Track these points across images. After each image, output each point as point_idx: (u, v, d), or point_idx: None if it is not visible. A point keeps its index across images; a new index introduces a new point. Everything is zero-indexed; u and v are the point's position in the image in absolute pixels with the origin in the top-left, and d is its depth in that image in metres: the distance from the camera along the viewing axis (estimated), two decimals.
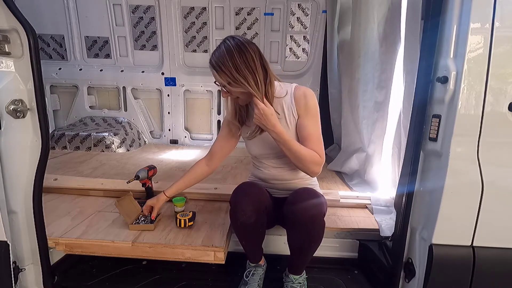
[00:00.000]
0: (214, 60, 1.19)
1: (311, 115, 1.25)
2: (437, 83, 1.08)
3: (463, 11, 1.00)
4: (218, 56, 1.18)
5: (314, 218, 1.17)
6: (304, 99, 1.24)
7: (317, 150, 1.22)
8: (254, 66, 1.17)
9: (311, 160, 1.21)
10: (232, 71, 1.15)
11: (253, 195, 1.23)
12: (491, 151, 1.05)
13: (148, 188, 1.72)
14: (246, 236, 1.33)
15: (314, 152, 1.21)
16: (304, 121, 1.25)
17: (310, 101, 1.25)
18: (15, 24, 1.11)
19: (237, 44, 1.17)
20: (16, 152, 1.18)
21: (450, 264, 1.12)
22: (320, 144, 1.25)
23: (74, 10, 3.24)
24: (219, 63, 1.17)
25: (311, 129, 1.24)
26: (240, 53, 1.16)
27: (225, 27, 3.27)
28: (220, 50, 1.18)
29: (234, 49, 1.16)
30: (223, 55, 1.17)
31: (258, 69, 1.18)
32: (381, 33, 1.98)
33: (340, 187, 2.18)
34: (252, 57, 1.17)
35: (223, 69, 1.16)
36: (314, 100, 1.26)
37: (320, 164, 1.23)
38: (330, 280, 1.49)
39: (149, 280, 1.46)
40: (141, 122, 3.50)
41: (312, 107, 1.25)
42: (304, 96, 1.25)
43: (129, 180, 1.65)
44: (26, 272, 1.28)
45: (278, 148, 1.25)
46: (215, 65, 1.19)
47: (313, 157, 1.21)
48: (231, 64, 1.15)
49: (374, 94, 2.11)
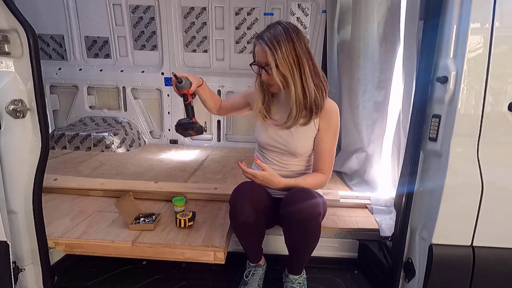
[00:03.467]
0: (268, 36, 1.14)
1: (332, 132, 1.29)
2: (437, 83, 1.08)
3: (463, 11, 1.00)
4: (274, 33, 1.14)
5: (309, 218, 1.17)
6: (330, 114, 1.27)
7: (328, 167, 1.31)
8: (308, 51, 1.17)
9: (318, 186, 1.33)
10: (289, 52, 1.13)
11: (253, 195, 1.23)
12: (491, 151, 1.06)
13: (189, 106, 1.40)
14: (246, 236, 1.33)
15: (319, 176, 1.30)
16: (325, 137, 1.29)
17: (335, 119, 1.28)
18: (15, 24, 1.11)
19: (295, 27, 1.16)
20: (16, 152, 1.18)
21: (450, 264, 1.12)
22: (331, 161, 1.32)
23: (74, 10, 3.23)
24: (274, 41, 1.13)
25: (329, 145, 1.30)
26: (298, 37, 1.15)
27: (225, 27, 3.27)
28: (277, 29, 1.15)
29: (291, 30, 1.14)
30: (279, 32, 1.13)
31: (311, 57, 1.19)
32: (380, 33, 1.98)
33: (340, 187, 2.18)
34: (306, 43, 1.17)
35: (277, 48, 1.12)
36: (338, 117, 1.29)
37: (324, 182, 1.33)
38: (330, 280, 1.49)
39: (149, 280, 1.46)
40: (141, 122, 3.50)
41: (335, 124, 1.29)
42: (331, 111, 1.27)
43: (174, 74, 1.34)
44: (26, 272, 1.28)
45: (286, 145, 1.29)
46: (268, 42, 1.13)
47: (318, 181, 1.31)
48: (288, 43, 1.13)
49: (373, 94, 2.11)
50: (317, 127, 1.29)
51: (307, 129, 1.29)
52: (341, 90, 2.73)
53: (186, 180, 2.24)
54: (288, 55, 1.14)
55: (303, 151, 1.33)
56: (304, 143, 1.30)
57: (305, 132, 1.29)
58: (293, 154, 1.33)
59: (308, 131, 1.29)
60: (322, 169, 1.31)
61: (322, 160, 1.30)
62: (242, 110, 1.53)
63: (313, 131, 1.29)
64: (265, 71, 1.20)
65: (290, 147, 1.31)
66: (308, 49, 1.18)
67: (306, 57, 1.18)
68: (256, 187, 1.29)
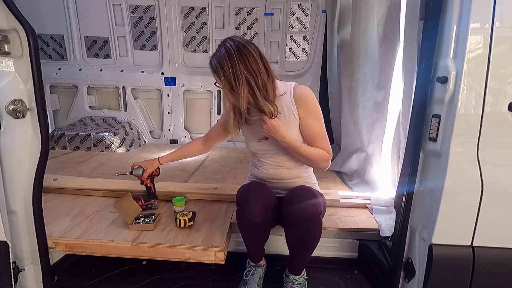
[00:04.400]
0: (213, 62, 1.20)
1: (313, 115, 1.27)
2: (437, 83, 1.08)
3: (463, 11, 1.00)
4: (218, 58, 1.18)
5: (311, 217, 1.18)
6: (304, 100, 1.26)
7: (324, 147, 1.28)
8: (256, 68, 1.18)
9: (320, 159, 1.28)
10: (232, 75, 1.16)
11: (262, 195, 1.23)
12: (491, 151, 1.05)
13: (148, 187, 1.70)
14: (252, 236, 1.33)
15: (322, 151, 1.27)
16: (308, 121, 1.27)
17: (310, 101, 1.27)
18: (14, 24, 1.11)
19: (237, 46, 1.17)
20: (15, 152, 1.18)
21: (450, 264, 1.12)
22: (326, 141, 1.29)
23: (74, 10, 3.23)
24: (218, 66, 1.18)
25: (316, 128, 1.28)
26: (242, 55, 1.16)
27: (225, 27, 3.27)
28: (221, 52, 1.18)
29: (234, 52, 1.16)
30: (223, 57, 1.17)
31: (260, 70, 1.19)
32: (380, 33, 1.99)
33: (340, 187, 2.18)
34: (254, 58, 1.17)
35: (222, 72, 1.17)
36: (314, 99, 1.28)
37: (328, 160, 1.29)
38: (330, 280, 1.49)
39: (149, 280, 1.46)
40: (141, 122, 3.50)
41: (313, 106, 1.27)
42: (304, 97, 1.26)
43: (119, 173, 1.67)
44: (26, 272, 1.28)
45: (277, 146, 1.27)
46: (214, 68, 1.20)
47: (321, 155, 1.27)
48: (231, 67, 1.15)
49: (373, 94, 2.11)
50: (297, 116, 1.27)
51: (289, 122, 1.27)
52: (341, 90, 2.73)
53: (186, 180, 2.24)
54: (232, 77, 1.16)
55: None
56: (291, 135, 1.27)
57: (288, 125, 1.27)
58: (285, 152, 1.32)
59: (290, 123, 1.28)
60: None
61: (316, 143, 1.28)
62: (226, 136, 1.54)
63: (294, 122, 1.28)
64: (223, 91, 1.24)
65: (279, 146, 1.30)
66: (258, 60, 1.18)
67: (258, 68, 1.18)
68: (264, 186, 1.28)
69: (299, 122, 1.28)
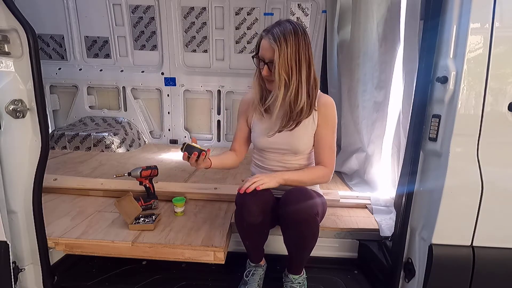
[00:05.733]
0: (277, 33, 1.13)
1: (331, 126, 1.30)
2: (437, 83, 1.08)
3: (463, 11, 1.00)
4: (284, 31, 1.13)
5: (306, 219, 1.17)
6: (328, 109, 1.28)
7: (328, 160, 1.30)
8: (310, 57, 1.17)
9: (318, 178, 1.32)
10: (293, 51, 1.13)
11: (260, 196, 1.22)
12: (491, 151, 1.05)
13: (147, 188, 1.71)
14: (251, 237, 1.33)
15: (321, 169, 1.30)
16: (324, 131, 1.29)
17: (332, 112, 1.29)
18: (14, 24, 1.11)
19: (304, 30, 1.16)
20: (15, 152, 1.18)
21: (450, 264, 1.12)
22: (332, 154, 1.31)
23: (74, 10, 3.23)
24: (282, 38, 1.12)
25: (328, 139, 1.30)
26: (306, 41, 1.15)
27: (225, 27, 3.27)
28: (286, 27, 1.14)
29: (301, 33, 1.14)
30: (289, 31, 1.13)
31: (311, 63, 1.19)
32: (380, 33, 1.99)
33: (340, 187, 2.18)
34: (310, 48, 1.18)
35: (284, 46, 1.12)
36: (335, 111, 1.30)
37: (327, 175, 1.31)
38: (329, 280, 1.49)
39: (149, 280, 1.46)
40: (141, 122, 3.50)
41: (333, 118, 1.29)
42: (328, 106, 1.28)
43: (117, 175, 1.66)
44: (26, 272, 1.28)
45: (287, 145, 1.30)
46: (277, 39, 1.13)
47: (318, 175, 1.30)
48: (295, 44, 1.13)
49: (373, 94, 2.11)
50: (316, 123, 1.29)
51: (307, 126, 1.28)
52: (341, 90, 2.73)
53: (186, 180, 2.24)
54: (292, 57, 1.14)
55: (305, 148, 1.32)
56: (306, 139, 1.30)
57: (305, 129, 1.29)
58: (295, 153, 1.33)
59: (308, 128, 1.29)
60: (324, 162, 1.31)
61: (324, 154, 1.30)
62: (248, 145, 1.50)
63: (312, 127, 1.29)
64: (267, 67, 1.19)
65: (292, 146, 1.31)
66: (310, 55, 1.19)
67: (307, 62, 1.18)
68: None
69: (316, 129, 1.30)
